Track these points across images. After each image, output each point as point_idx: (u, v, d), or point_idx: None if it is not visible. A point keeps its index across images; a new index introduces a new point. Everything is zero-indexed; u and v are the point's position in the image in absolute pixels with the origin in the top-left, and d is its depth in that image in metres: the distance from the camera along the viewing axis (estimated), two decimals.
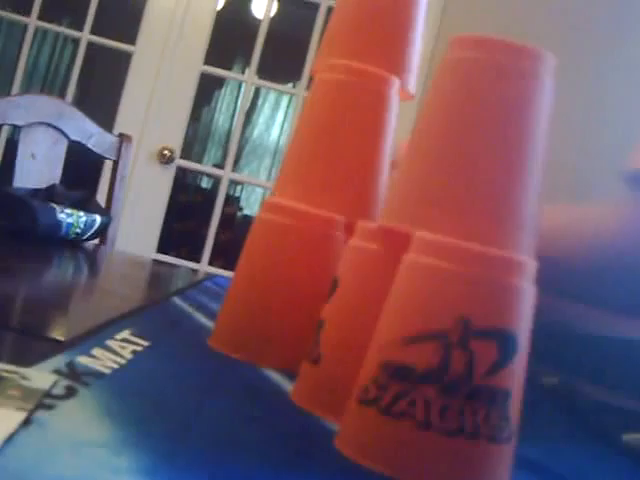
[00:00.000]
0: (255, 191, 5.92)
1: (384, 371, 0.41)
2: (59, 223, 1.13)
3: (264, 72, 2.80)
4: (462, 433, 0.39)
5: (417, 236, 0.42)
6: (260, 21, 2.64)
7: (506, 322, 0.40)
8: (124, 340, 0.54)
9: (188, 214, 4.51)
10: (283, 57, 3.65)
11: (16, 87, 2.68)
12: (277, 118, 6.03)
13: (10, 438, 0.32)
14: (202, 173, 4.96)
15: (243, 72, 4.47)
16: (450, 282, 0.40)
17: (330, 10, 2.57)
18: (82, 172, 2.29)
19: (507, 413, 0.40)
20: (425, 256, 0.41)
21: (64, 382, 0.41)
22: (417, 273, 0.41)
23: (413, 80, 0.65)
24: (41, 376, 0.41)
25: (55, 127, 1.54)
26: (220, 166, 3.18)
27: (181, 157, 2.59)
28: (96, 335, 0.54)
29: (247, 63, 2.75)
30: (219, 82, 5.69)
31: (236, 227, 4.51)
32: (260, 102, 5.97)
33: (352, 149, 0.61)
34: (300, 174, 0.62)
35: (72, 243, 1.18)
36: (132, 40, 2.56)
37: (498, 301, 0.40)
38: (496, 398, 0.40)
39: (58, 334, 0.57)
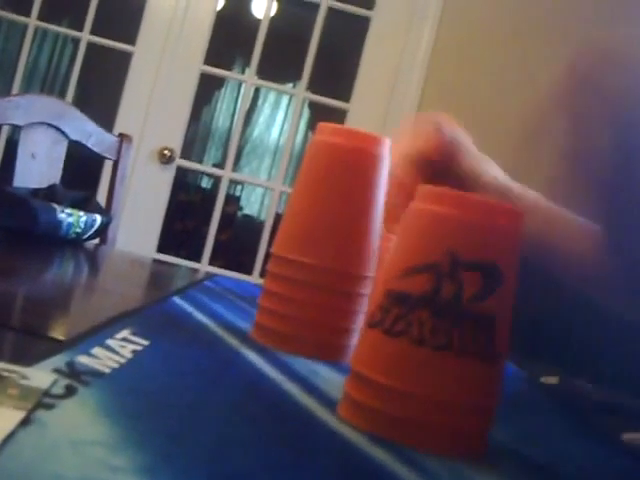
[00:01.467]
0: (255, 191, 5.93)
1: (387, 298, 0.47)
2: (59, 223, 1.13)
3: (264, 72, 2.80)
4: (450, 349, 0.45)
5: (420, 188, 0.48)
6: (260, 21, 2.64)
7: (490, 257, 0.46)
8: (124, 339, 0.54)
9: (188, 214, 4.51)
10: (283, 57, 3.65)
11: (16, 87, 2.68)
12: (277, 118, 6.04)
13: (9, 437, 0.32)
14: (202, 173, 4.96)
15: (243, 72, 4.47)
16: (442, 223, 0.47)
17: (330, 10, 2.57)
18: (82, 172, 2.29)
19: (493, 336, 0.45)
20: (423, 203, 0.48)
21: (64, 381, 0.41)
22: (415, 216, 0.48)
23: None
24: (40, 375, 0.41)
25: (55, 127, 1.53)
26: (220, 166, 3.18)
27: (181, 157, 2.59)
28: (96, 334, 0.54)
29: (247, 63, 2.75)
30: (219, 82, 5.69)
31: (236, 227, 4.51)
32: (260, 102, 5.98)
33: (344, 207, 0.64)
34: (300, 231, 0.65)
35: (72, 243, 1.18)
36: (132, 40, 2.56)
37: (482, 239, 0.46)
38: (481, 322, 0.45)
39: (58, 333, 0.57)
